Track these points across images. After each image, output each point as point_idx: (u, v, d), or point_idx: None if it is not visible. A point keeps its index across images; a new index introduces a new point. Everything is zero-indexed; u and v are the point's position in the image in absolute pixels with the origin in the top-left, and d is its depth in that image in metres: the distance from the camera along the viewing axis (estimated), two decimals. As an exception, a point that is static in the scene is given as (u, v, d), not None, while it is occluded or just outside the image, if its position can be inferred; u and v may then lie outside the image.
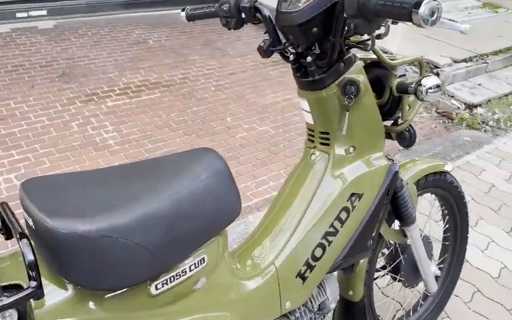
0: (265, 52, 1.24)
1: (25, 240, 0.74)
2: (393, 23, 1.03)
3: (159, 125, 3.09)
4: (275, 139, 3.07)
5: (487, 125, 3.59)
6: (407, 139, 1.36)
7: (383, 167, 1.28)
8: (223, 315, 1.01)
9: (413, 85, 1.24)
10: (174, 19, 5.17)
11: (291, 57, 1.21)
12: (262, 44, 1.25)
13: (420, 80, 1.23)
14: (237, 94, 3.63)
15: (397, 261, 1.59)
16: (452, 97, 3.85)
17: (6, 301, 0.70)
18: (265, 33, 1.27)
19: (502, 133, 3.52)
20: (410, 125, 1.34)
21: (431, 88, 1.21)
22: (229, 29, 1.35)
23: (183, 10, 1.47)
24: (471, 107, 3.77)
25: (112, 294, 0.85)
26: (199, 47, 4.50)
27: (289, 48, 1.22)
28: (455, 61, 4.17)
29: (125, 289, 0.85)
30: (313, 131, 1.28)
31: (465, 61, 4.24)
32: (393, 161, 1.33)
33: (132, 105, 3.31)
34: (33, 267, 0.72)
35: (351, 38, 1.14)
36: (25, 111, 3.09)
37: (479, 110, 3.75)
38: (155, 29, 4.80)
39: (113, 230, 0.79)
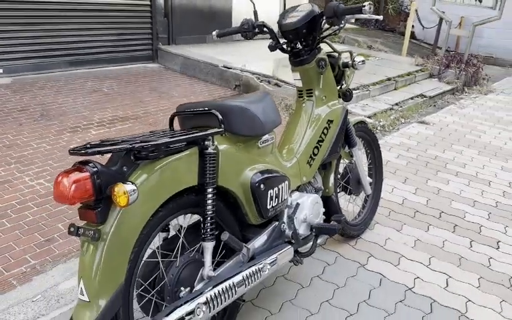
0: (273, 48, 2.25)
1: (214, 110, 1.63)
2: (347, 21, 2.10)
3: (141, 143, 3.86)
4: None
5: (377, 129, 4.95)
6: (347, 96, 2.44)
7: (341, 107, 2.34)
8: (281, 171, 1.93)
9: (350, 62, 2.34)
10: (118, 73, 5.97)
11: (288, 49, 2.23)
12: (270, 43, 2.25)
13: (354, 58, 2.33)
14: (193, 120, 4.54)
15: (347, 177, 2.63)
16: (350, 113, 5.18)
17: (211, 131, 1.56)
18: (269, 39, 2.28)
19: (388, 133, 4.90)
20: (348, 88, 2.43)
21: (360, 62, 2.32)
22: (247, 39, 2.33)
23: (213, 31, 2.42)
24: (364, 118, 5.13)
25: (246, 143, 1.75)
26: (148, 91, 5.35)
27: (284, 45, 2.25)
28: (348, 89, 5.58)
29: (250, 139, 1.76)
30: (301, 90, 2.30)
31: (354, 89, 5.69)
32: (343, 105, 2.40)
33: (111, 132, 4.04)
34: (222, 120, 1.61)
35: (324, 33, 2.19)
36: (25, 141, 3.66)
37: (369, 120, 5.13)
38: (104, 81, 5.54)
39: (249, 107, 1.71)
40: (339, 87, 2.43)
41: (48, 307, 2.02)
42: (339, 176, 2.64)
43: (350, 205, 2.87)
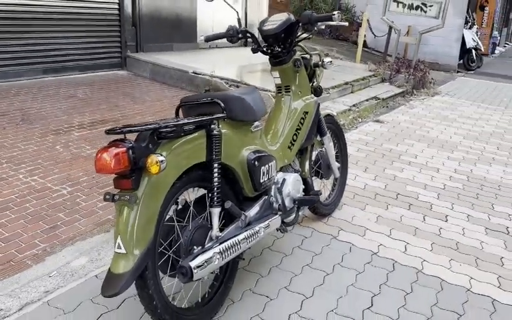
0: (254, 51, 2.62)
1: (217, 99, 1.96)
2: (318, 30, 2.49)
3: (123, 143, 4.11)
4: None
5: (338, 127, 5.41)
6: (318, 91, 2.84)
7: (314, 101, 2.74)
8: (270, 153, 2.29)
9: (320, 62, 2.74)
10: (89, 80, 6.14)
11: (268, 51, 2.60)
12: (252, 47, 2.62)
13: (323, 59, 2.74)
14: (169, 122, 4.83)
15: (318, 163, 3.02)
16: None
17: (216, 116, 1.90)
18: (251, 42, 2.63)
19: (347, 131, 5.38)
20: (319, 85, 2.83)
21: (328, 62, 2.73)
22: (232, 43, 2.68)
23: (202, 36, 2.75)
24: (326, 118, 5.59)
25: (242, 127, 2.09)
26: (121, 96, 5.57)
27: (265, 48, 2.61)
28: (310, 92, 6.04)
29: (245, 124, 2.10)
30: (280, 87, 2.67)
31: (316, 91, 6.15)
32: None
33: (94, 134, 4.26)
34: (224, 108, 1.94)
35: (299, 37, 2.57)
36: (12, 143, 3.82)
37: (331, 120, 5.59)
38: (77, 87, 5.72)
39: (244, 97, 2.06)
40: (310, 84, 2.82)
41: (64, 280, 2.26)
42: (311, 162, 3.04)
43: (321, 190, 3.26)
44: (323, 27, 2.52)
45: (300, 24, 2.46)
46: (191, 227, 1.94)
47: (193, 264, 1.74)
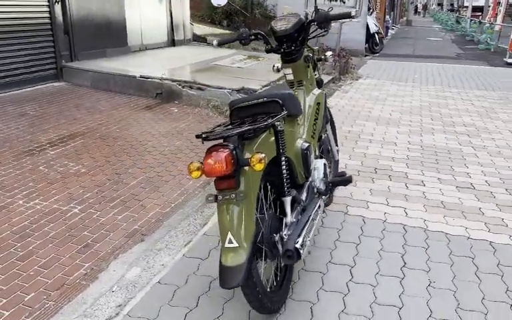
0: (268, 51, 2.81)
1: (276, 98, 2.14)
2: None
3: (105, 155, 4.03)
4: (180, 141, 4.42)
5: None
6: (319, 83, 3.12)
7: (321, 92, 3.01)
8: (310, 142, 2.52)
9: (322, 56, 3.02)
10: (30, 96, 5.78)
11: (281, 50, 2.81)
12: (267, 47, 2.81)
13: (325, 53, 3.02)
14: (135, 128, 4.78)
15: (321, 148, 3.31)
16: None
17: (282, 114, 2.08)
18: (264, 43, 2.83)
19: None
20: (320, 77, 3.11)
21: (329, 55, 3.02)
22: (244, 45, 2.85)
23: (214, 41, 2.87)
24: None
25: (293, 121, 2.29)
26: (75, 109, 5.35)
27: (276, 47, 2.82)
28: (263, 86, 6.31)
29: (294, 118, 2.31)
30: (292, 82, 2.90)
31: (267, 85, 6.44)
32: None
33: (70, 150, 4.10)
34: (281, 107, 2.13)
35: (312, 34, 2.82)
36: (-11, 170, 3.56)
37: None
38: (23, 104, 5.36)
39: (292, 93, 2.26)
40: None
41: (129, 292, 2.29)
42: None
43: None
44: (333, 24, 2.79)
45: (315, 22, 2.71)
46: (267, 217, 2.10)
47: (297, 245, 1.93)
